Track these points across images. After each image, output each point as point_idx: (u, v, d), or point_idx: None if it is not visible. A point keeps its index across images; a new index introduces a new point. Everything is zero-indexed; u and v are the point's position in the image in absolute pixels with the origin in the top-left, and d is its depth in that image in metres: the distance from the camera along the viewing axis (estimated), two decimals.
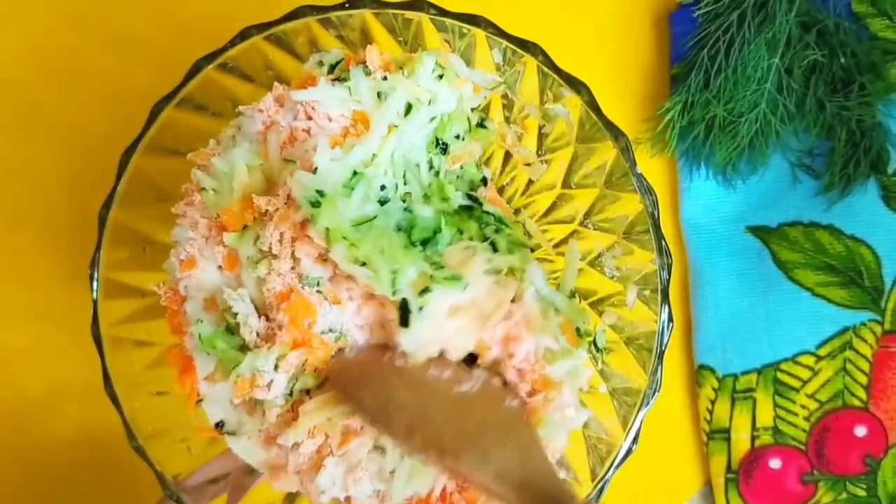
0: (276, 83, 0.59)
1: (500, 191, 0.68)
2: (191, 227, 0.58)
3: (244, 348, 0.57)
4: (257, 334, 0.57)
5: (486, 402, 0.54)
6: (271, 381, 0.56)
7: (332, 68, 0.61)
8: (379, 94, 0.57)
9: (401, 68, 0.58)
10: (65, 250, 0.77)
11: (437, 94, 0.58)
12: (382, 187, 0.57)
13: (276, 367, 0.55)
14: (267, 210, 0.55)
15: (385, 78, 0.57)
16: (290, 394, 0.57)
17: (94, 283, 0.58)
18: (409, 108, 0.57)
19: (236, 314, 0.56)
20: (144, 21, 0.78)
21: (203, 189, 0.56)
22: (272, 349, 0.55)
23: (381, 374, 0.54)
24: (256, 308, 0.57)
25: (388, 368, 0.54)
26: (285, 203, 0.55)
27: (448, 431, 0.52)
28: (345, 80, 0.57)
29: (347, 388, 0.54)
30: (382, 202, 0.57)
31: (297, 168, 0.55)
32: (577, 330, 0.59)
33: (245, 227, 0.57)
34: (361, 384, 0.54)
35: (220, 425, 0.60)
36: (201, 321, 0.58)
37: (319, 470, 0.56)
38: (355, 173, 0.55)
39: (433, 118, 0.58)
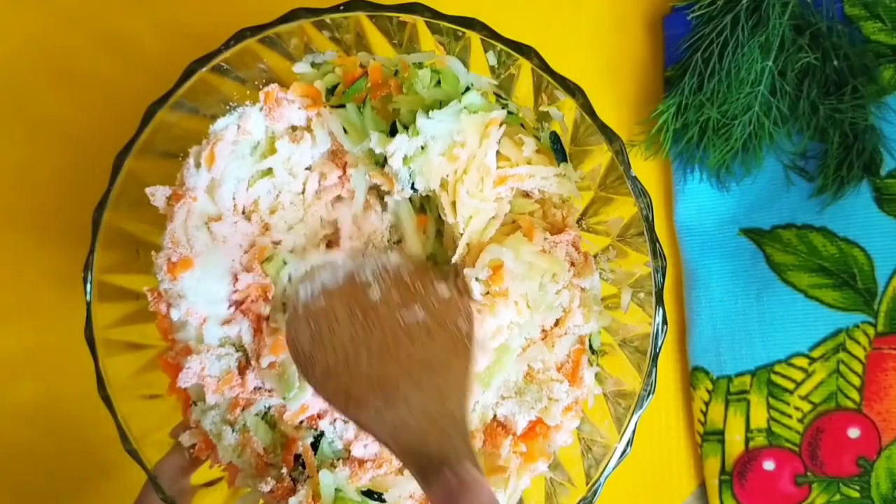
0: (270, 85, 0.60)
1: None
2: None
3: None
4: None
5: (427, 335, 0.55)
6: None
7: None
8: None
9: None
10: (58, 253, 0.76)
11: None
12: None
13: None
14: None
15: None
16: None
17: (88, 286, 0.58)
18: None
19: None
20: (138, 23, 0.77)
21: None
22: None
23: (331, 306, 0.56)
24: None
25: (343, 297, 0.57)
26: None
27: (365, 372, 0.53)
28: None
29: (291, 326, 0.56)
30: None
31: None
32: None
33: None
34: (306, 324, 0.56)
35: None
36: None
37: None
38: None
39: None
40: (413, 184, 0.59)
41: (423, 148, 0.57)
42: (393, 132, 0.58)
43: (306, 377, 0.55)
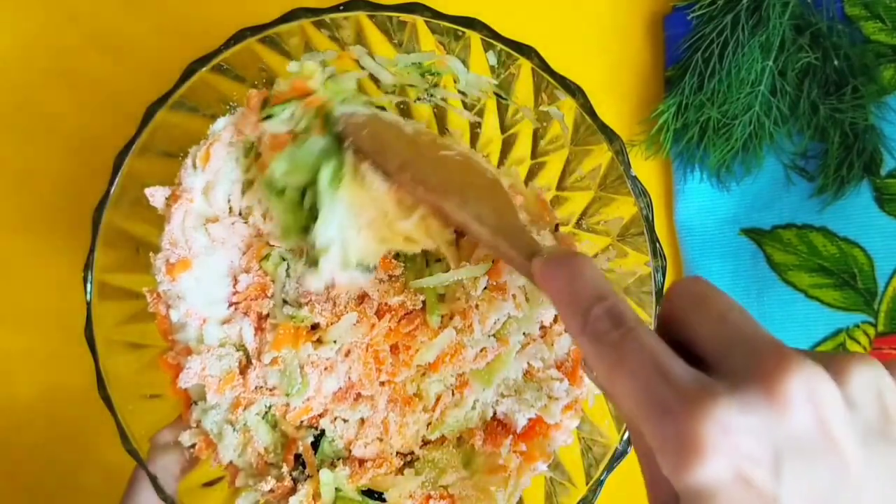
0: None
1: None
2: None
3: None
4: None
5: (466, 168, 0.57)
6: None
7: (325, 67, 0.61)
8: None
9: None
10: (58, 252, 0.76)
11: None
12: None
13: None
14: None
15: None
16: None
17: (88, 286, 0.58)
18: None
19: None
20: (138, 23, 0.77)
21: None
22: None
23: (374, 126, 0.58)
24: None
25: (381, 123, 0.58)
26: None
27: (434, 178, 0.55)
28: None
29: (349, 131, 0.57)
30: None
31: None
32: None
33: None
34: (362, 129, 0.57)
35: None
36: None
37: None
38: None
39: None
40: None
41: None
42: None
43: (383, 168, 0.55)
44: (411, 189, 0.55)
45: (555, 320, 0.61)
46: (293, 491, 0.58)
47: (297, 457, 0.60)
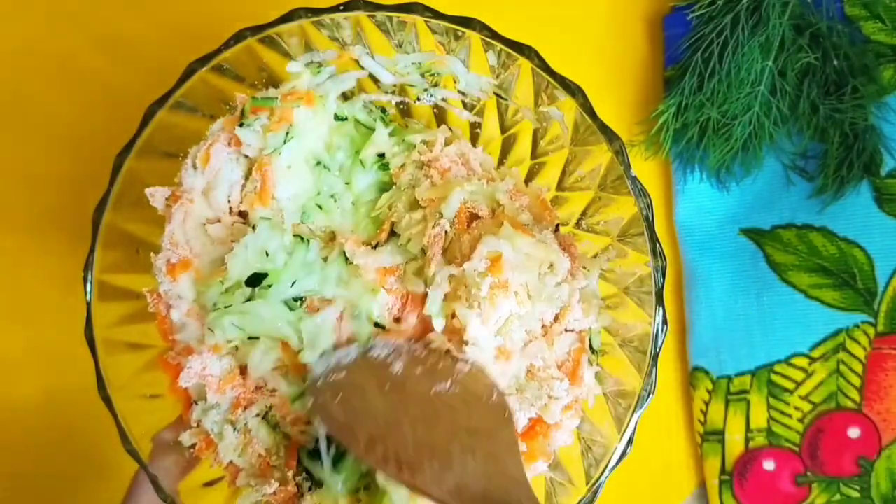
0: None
1: None
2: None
3: None
4: None
5: (463, 403, 0.54)
6: None
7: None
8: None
9: None
10: (58, 253, 0.76)
11: None
12: None
13: None
14: None
15: None
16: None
17: (88, 286, 0.58)
18: None
19: None
20: (138, 23, 0.77)
21: None
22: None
23: (354, 380, 0.55)
24: None
25: (364, 372, 0.56)
26: None
27: (412, 440, 0.51)
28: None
29: (319, 404, 0.55)
30: None
31: None
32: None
33: None
34: (335, 395, 0.55)
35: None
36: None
37: None
38: None
39: None
40: None
41: None
42: None
43: (350, 448, 0.53)
44: (382, 468, 0.51)
45: (555, 319, 0.61)
46: (297, 496, 0.58)
47: (299, 461, 0.60)
